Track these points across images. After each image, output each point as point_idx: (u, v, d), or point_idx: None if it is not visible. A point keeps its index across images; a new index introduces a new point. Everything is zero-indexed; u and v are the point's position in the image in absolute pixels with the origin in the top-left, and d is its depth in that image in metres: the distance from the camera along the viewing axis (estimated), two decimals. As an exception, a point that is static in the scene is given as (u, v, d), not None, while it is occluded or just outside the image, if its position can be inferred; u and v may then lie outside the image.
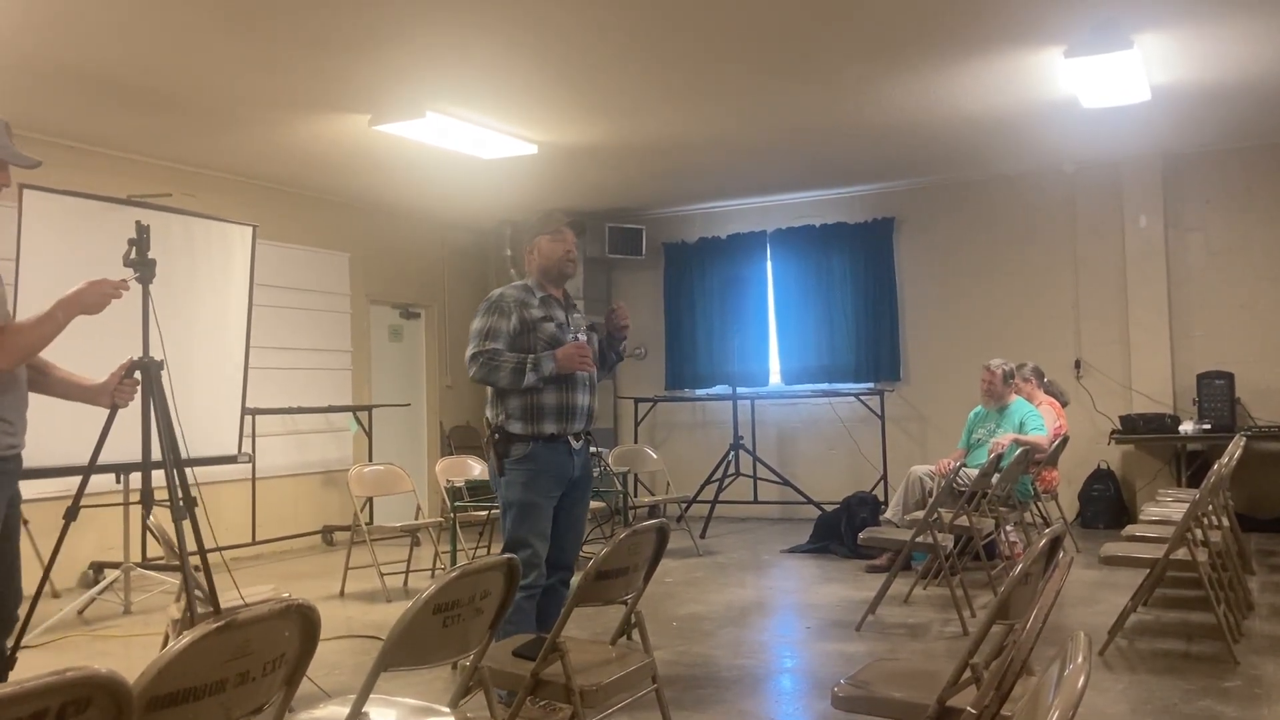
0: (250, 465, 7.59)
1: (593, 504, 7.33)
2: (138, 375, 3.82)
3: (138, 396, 3.72)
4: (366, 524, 6.70)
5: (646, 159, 8.08)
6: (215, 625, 1.75)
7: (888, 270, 9.49)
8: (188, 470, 6.84)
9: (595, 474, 5.52)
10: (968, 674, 2.36)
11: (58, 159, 6.84)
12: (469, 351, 3.93)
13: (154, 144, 7.20)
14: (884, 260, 9.50)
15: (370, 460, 8.68)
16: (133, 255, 4.24)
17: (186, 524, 4.14)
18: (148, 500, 4.61)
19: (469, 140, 7.02)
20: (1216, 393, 8.00)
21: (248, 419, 7.13)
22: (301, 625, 1.97)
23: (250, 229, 6.74)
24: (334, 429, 9.05)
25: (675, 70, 6.05)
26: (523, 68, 5.88)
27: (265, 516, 8.18)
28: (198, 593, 3.89)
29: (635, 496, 8.34)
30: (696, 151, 7.94)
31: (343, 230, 9.25)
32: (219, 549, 7.65)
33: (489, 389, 4.00)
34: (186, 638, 1.71)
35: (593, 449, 4.25)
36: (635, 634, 3.16)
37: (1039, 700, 1.48)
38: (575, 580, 4.19)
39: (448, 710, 2.52)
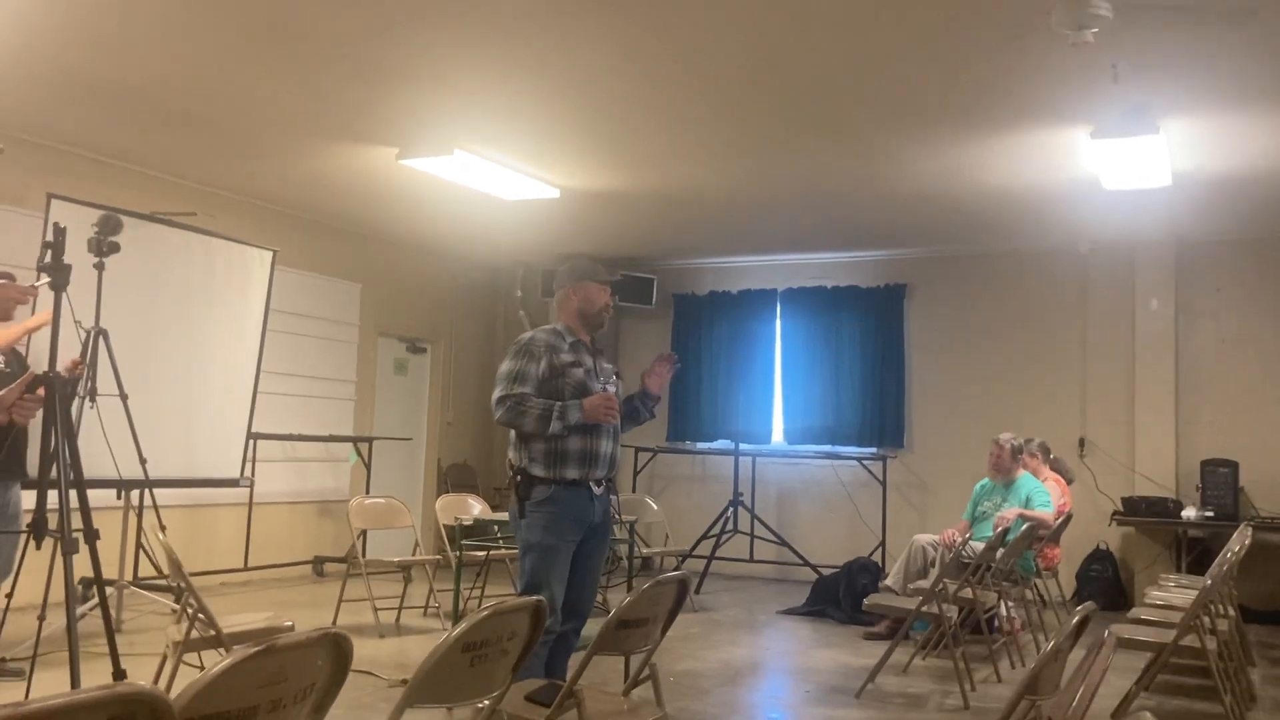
0: (249, 490, 7.54)
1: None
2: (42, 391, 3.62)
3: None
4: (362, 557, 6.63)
5: (665, 209, 8.13)
6: (255, 649, 1.72)
7: (897, 336, 9.51)
8: (189, 490, 6.83)
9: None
10: (995, 749, 2.32)
11: (82, 171, 6.88)
12: (497, 394, 3.91)
13: (178, 163, 7.22)
14: (894, 326, 9.53)
15: (368, 492, 8.63)
16: (47, 259, 3.85)
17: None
18: (39, 529, 4.30)
19: (493, 180, 7.06)
20: (1220, 480, 7.98)
21: (249, 443, 7.10)
22: (334, 655, 1.94)
23: (270, 254, 6.75)
24: (333, 458, 9.00)
25: (702, 123, 6.10)
26: (552, 112, 5.93)
27: (258, 543, 8.11)
28: (200, 616, 3.84)
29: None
30: (715, 205, 7.99)
31: (357, 260, 9.27)
32: (211, 572, 7.62)
33: (513, 431, 3.98)
34: (227, 660, 1.68)
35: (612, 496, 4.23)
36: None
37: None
38: (586, 629, 4.15)
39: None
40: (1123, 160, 6.10)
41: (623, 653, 2.88)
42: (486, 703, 2.68)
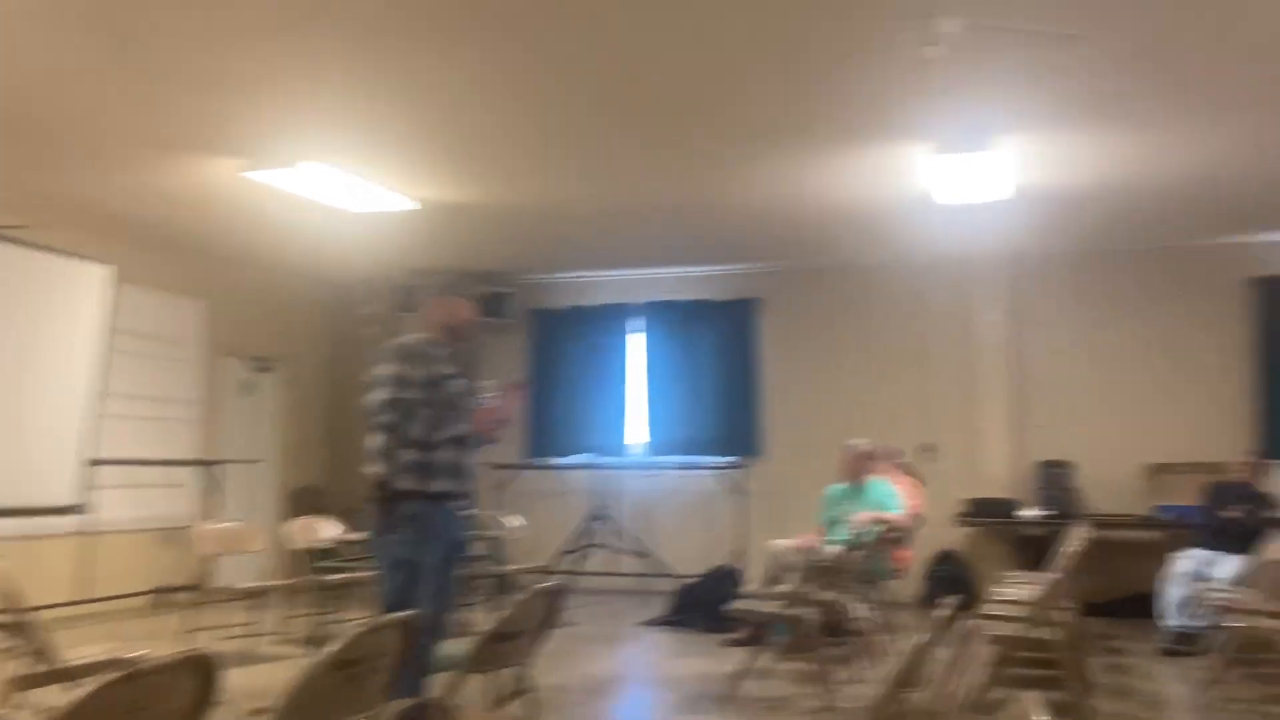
0: (84, 518, 7.14)
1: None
2: None
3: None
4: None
5: (522, 223, 8.08)
6: (116, 675, 1.62)
7: (750, 348, 9.69)
8: (13, 520, 6.43)
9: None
10: (869, 742, 2.37)
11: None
12: (381, 397, 3.79)
13: (8, 173, 6.80)
14: (747, 339, 9.70)
15: (215, 517, 8.28)
16: None
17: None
18: None
19: (343, 193, 6.89)
20: (1056, 481, 8.39)
21: (88, 469, 6.73)
22: (199, 678, 1.85)
23: (109, 269, 6.42)
24: (176, 484, 8.61)
25: (557, 137, 6.10)
26: (404, 123, 5.83)
27: (95, 573, 7.67)
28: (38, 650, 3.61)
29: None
30: (574, 220, 7.99)
31: (200, 277, 8.91)
32: (41, 607, 7.16)
33: (377, 442, 3.87)
34: (85, 688, 1.58)
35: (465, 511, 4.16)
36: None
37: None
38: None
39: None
40: (962, 175, 6.34)
41: (498, 668, 2.84)
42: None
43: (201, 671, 1.84)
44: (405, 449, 3.83)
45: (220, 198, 7.22)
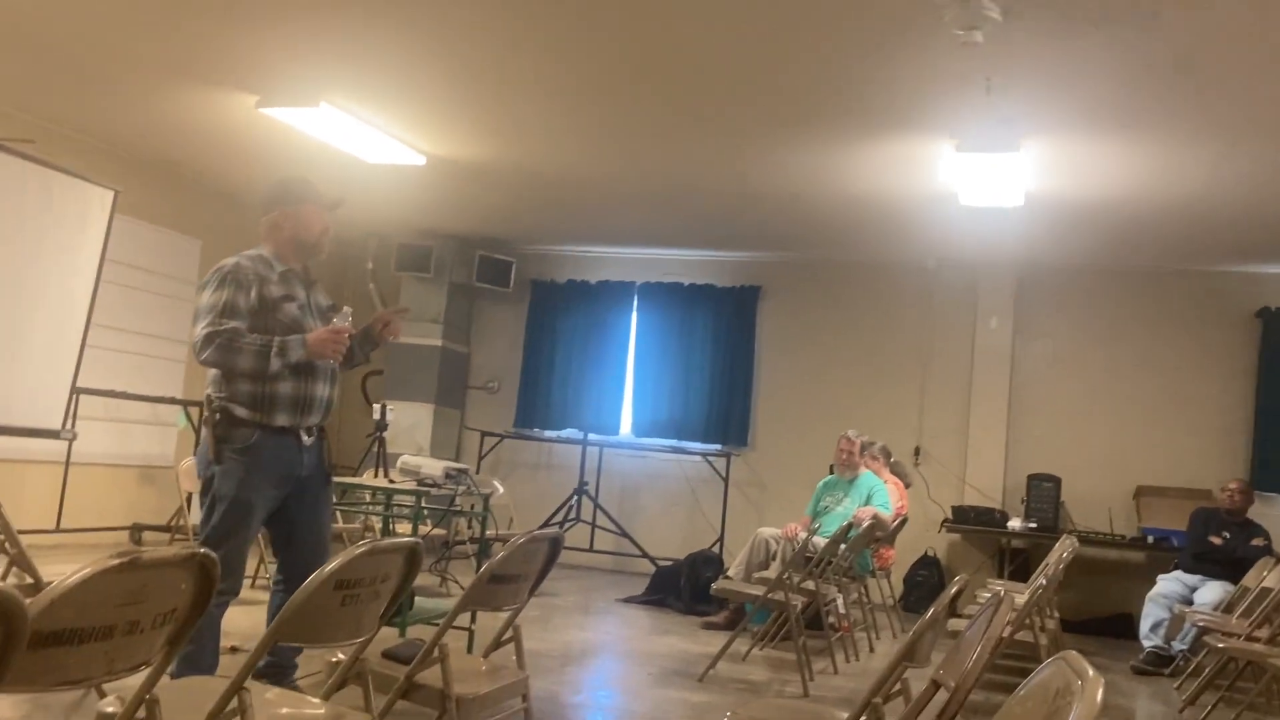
0: (68, 446, 7.05)
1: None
2: None
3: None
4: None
5: (530, 188, 7.99)
6: (117, 561, 1.55)
7: (748, 337, 9.63)
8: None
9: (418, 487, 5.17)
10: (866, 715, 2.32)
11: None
12: (201, 329, 3.45)
13: (13, 91, 6.70)
14: (746, 327, 9.65)
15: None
16: None
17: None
18: None
19: (358, 140, 6.79)
20: (1044, 494, 8.37)
21: (73, 397, 6.63)
22: (198, 579, 1.78)
23: (111, 194, 6.30)
24: (160, 422, 8.52)
25: (579, 98, 5.99)
26: (424, 69, 5.70)
27: (73, 504, 7.59)
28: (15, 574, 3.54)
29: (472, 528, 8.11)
30: (581, 189, 7.91)
31: (199, 215, 8.79)
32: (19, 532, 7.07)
33: (210, 374, 3.63)
34: (87, 569, 1.51)
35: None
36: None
37: None
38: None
39: (319, 702, 2.33)
40: (982, 176, 6.27)
41: (491, 608, 2.78)
42: (342, 657, 2.53)
43: (201, 572, 1.78)
44: (243, 378, 3.51)
45: (230, 134, 7.12)
